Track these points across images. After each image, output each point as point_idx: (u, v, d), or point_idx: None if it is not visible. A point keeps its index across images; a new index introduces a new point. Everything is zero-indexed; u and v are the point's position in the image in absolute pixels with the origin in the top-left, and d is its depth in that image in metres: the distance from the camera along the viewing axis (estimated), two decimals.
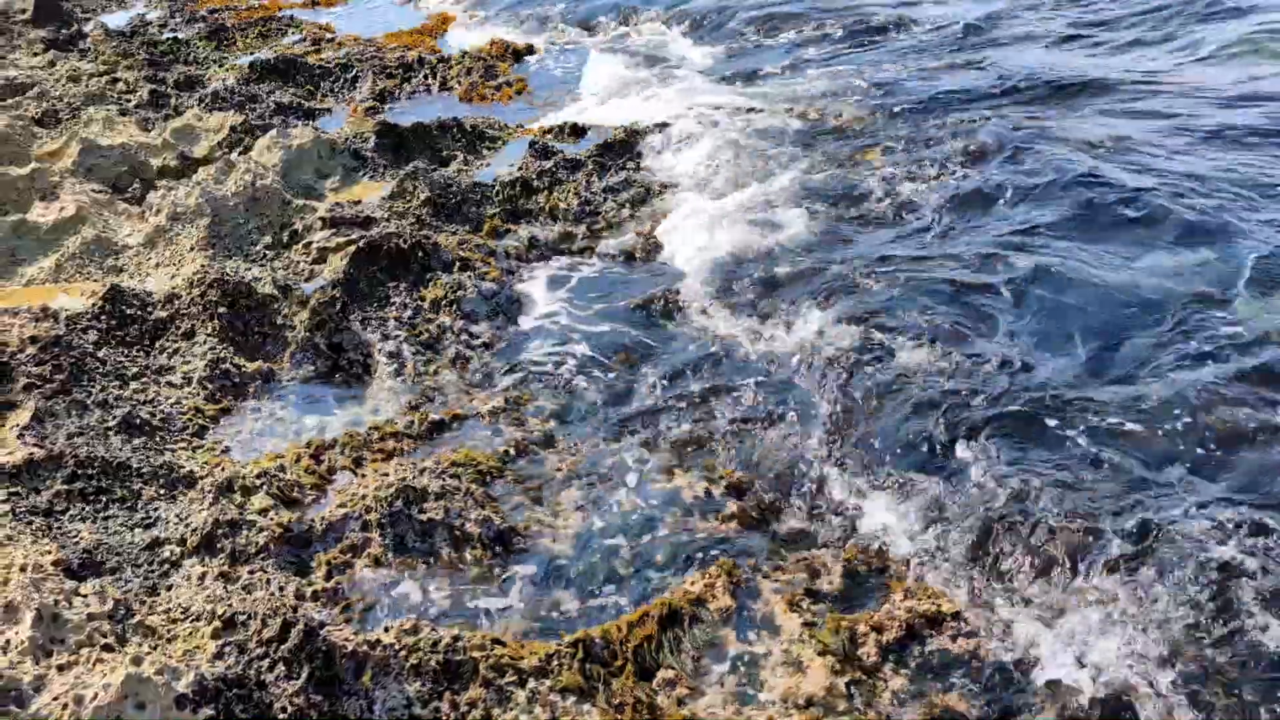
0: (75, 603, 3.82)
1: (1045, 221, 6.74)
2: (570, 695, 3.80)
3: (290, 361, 5.92)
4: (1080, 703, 3.67)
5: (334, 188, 8.29)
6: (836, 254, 6.70)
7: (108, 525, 4.52)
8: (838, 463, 4.89)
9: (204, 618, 3.93)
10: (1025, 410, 4.97)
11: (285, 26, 13.71)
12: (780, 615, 4.13)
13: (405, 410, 5.52)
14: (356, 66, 11.51)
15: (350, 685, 3.74)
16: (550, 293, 6.72)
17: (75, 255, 7.10)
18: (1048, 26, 11.22)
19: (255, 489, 4.79)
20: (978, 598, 4.12)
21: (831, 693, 3.78)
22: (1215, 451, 4.63)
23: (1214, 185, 6.98)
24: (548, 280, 6.88)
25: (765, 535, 4.56)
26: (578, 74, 11.29)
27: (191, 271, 6.45)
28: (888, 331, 5.72)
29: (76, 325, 5.88)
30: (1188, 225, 6.46)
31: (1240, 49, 9.61)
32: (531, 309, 6.54)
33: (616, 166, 8.33)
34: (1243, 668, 3.66)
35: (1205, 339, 5.38)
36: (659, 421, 5.32)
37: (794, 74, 10.51)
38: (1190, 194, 6.85)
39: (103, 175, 8.22)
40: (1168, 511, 4.28)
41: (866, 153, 8.16)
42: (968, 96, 9.14)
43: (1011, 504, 4.42)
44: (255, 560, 4.39)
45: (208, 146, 8.84)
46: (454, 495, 4.70)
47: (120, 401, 5.37)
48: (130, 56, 11.84)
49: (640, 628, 4.05)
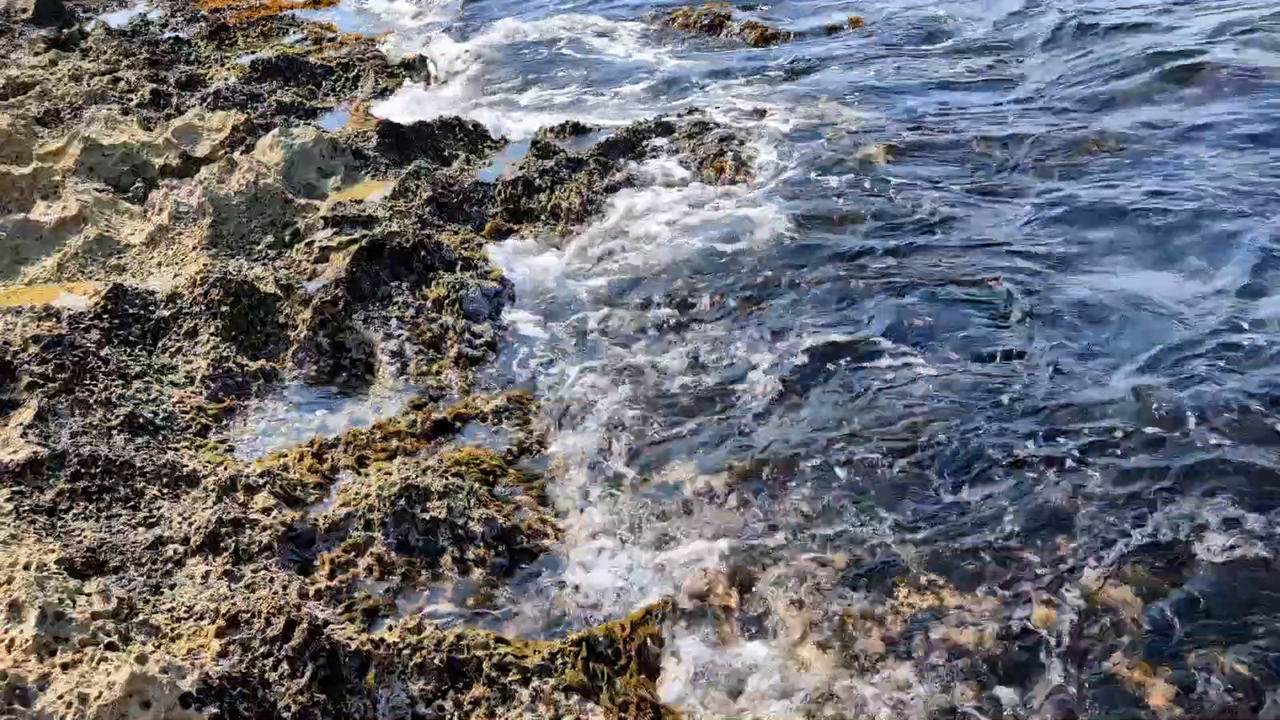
0: (79, 601, 3.82)
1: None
2: (574, 693, 3.80)
3: (293, 360, 5.92)
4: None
5: (336, 187, 8.29)
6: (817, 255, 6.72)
7: (111, 524, 4.52)
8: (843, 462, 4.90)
9: (208, 616, 3.93)
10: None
11: (287, 26, 13.71)
12: (783, 610, 4.12)
13: (408, 409, 5.52)
14: (358, 65, 11.51)
15: (354, 684, 3.74)
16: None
17: (77, 254, 7.10)
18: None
19: (258, 488, 4.79)
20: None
21: (834, 687, 3.78)
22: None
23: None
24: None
25: (770, 530, 4.55)
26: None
27: (194, 270, 6.46)
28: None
29: (79, 324, 5.88)
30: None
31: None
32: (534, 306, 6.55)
33: (618, 166, 8.32)
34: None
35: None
36: (659, 418, 5.32)
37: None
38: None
39: (105, 174, 8.22)
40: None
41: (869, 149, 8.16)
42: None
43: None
44: (258, 559, 4.39)
45: (210, 146, 8.83)
46: (457, 494, 4.70)
47: (123, 400, 5.37)
48: (132, 56, 11.84)
49: (644, 626, 4.06)
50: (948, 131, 8.40)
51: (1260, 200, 6.74)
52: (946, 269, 6.35)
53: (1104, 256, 6.38)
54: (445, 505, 4.61)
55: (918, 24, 11.64)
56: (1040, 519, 4.41)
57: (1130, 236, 6.56)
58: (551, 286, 6.74)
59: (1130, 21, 10.61)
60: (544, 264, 7.05)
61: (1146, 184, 7.16)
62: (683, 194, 7.73)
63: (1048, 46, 10.32)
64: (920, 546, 4.35)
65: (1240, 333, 5.44)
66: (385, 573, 4.36)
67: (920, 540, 4.39)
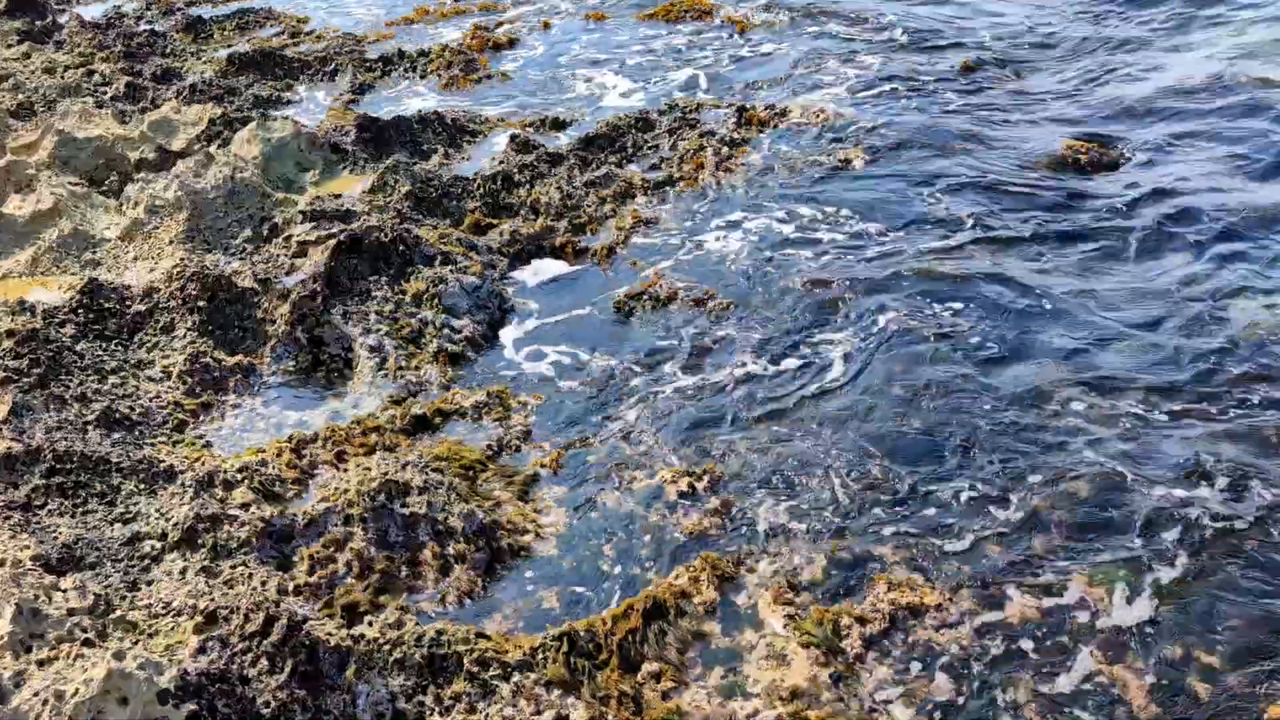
0: (55, 598, 3.79)
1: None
2: (555, 688, 3.80)
3: (271, 355, 5.89)
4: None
5: (314, 181, 8.24)
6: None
7: (87, 520, 4.49)
8: (837, 468, 4.91)
9: (186, 612, 3.91)
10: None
11: (263, 19, 13.60)
12: (764, 608, 4.14)
13: (387, 404, 5.50)
14: (336, 60, 11.44)
15: (334, 680, 3.73)
16: (532, 287, 6.73)
17: (52, 248, 7.03)
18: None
19: (236, 483, 4.76)
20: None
21: (815, 684, 3.79)
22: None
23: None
24: (529, 274, 6.88)
25: (748, 528, 4.56)
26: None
27: (170, 265, 6.41)
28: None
29: (54, 319, 5.82)
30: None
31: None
32: (513, 302, 6.54)
33: (598, 161, 8.30)
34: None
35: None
36: (638, 415, 5.32)
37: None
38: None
39: (79, 168, 8.14)
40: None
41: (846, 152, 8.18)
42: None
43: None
44: (237, 555, 4.36)
45: (186, 139, 8.76)
46: (437, 489, 4.69)
47: (99, 395, 5.32)
48: (106, 49, 11.72)
49: (625, 621, 4.05)
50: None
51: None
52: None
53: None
54: (425, 500, 4.59)
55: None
56: (1017, 518, 4.45)
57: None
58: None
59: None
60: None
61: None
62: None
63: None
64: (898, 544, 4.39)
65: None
66: (365, 568, 4.35)
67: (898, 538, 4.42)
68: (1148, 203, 6.86)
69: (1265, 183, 7.03)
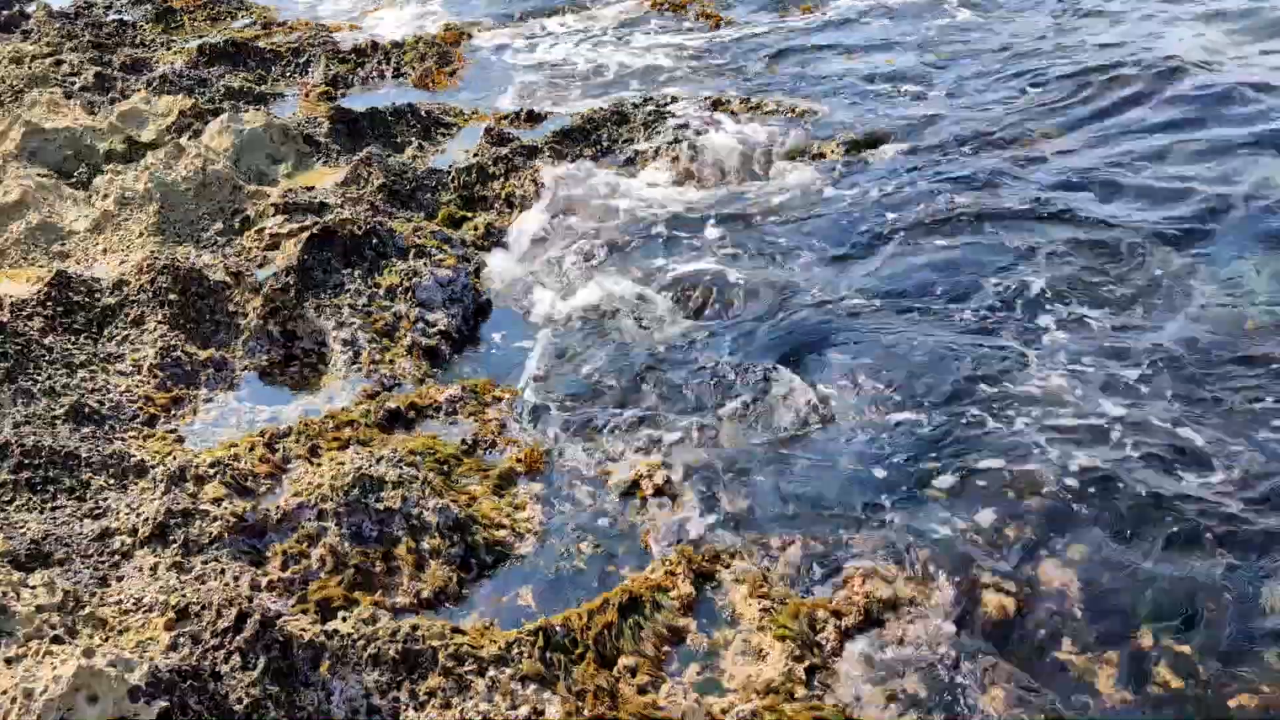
0: (23, 594, 3.73)
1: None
2: (531, 683, 3.78)
3: (243, 349, 5.83)
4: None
5: (287, 173, 8.17)
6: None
7: (56, 515, 4.43)
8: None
9: (157, 609, 3.86)
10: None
11: (235, 10, 13.46)
12: (740, 602, 4.14)
13: (361, 398, 5.46)
14: (309, 50, 11.34)
15: (307, 676, 3.70)
16: (507, 279, 6.70)
17: (19, 240, 6.94)
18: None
19: (208, 478, 4.71)
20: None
21: (791, 678, 3.80)
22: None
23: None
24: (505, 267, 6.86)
25: (725, 522, 4.56)
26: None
27: (140, 258, 6.33)
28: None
29: (21, 312, 5.74)
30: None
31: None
32: (488, 296, 6.51)
33: (573, 155, 8.28)
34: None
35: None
36: (615, 411, 5.31)
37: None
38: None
39: (47, 159, 8.03)
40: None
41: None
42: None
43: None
44: (209, 550, 4.32)
45: (156, 130, 8.65)
46: (412, 484, 4.66)
47: (68, 390, 5.26)
48: (75, 38, 11.56)
49: (601, 615, 4.05)
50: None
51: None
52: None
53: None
54: (400, 495, 4.56)
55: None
56: (995, 510, 4.48)
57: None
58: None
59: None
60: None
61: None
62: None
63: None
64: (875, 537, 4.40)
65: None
66: (339, 563, 4.31)
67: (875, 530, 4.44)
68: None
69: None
